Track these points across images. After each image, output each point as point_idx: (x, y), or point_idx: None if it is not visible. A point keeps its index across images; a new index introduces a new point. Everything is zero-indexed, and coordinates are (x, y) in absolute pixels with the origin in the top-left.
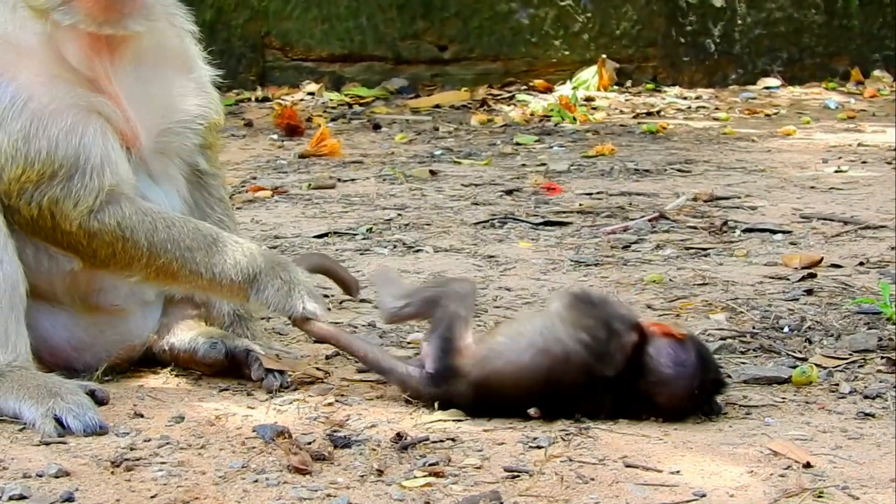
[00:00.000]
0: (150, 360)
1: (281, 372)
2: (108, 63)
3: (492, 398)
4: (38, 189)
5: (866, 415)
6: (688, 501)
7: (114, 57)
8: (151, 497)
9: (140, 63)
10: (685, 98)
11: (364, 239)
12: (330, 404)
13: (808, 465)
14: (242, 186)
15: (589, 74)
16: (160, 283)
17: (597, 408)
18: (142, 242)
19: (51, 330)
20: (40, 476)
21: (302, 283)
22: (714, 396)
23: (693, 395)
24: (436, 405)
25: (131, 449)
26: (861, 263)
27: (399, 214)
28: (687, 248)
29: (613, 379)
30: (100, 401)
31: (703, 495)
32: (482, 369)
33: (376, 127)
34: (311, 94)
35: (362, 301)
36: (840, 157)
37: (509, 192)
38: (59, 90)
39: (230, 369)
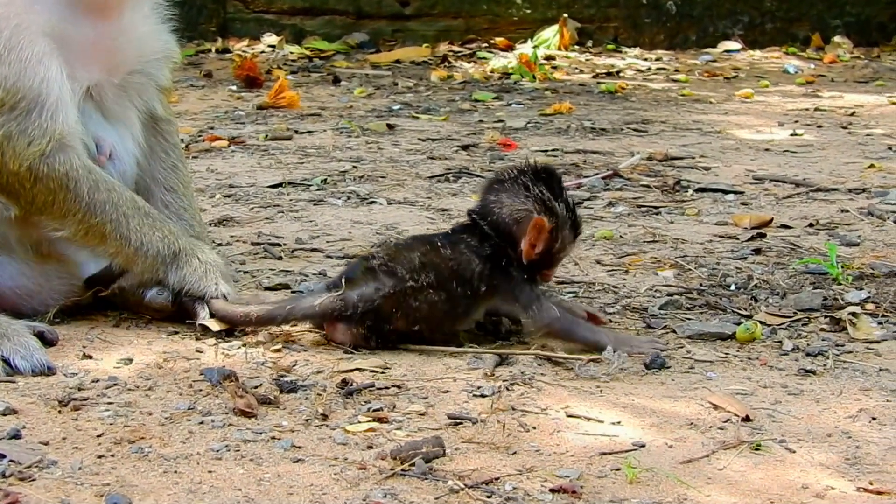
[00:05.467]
0: (100, 303)
1: (227, 332)
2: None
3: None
4: None
5: (807, 371)
6: (627, 451)
7: None
8: (97, 436)
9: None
10: (645, 59)
11: (318, 190)
12: (277, 350)
13: (746, 419)
14: (199, 136)
15: (550, 33)
16: (87, 242)
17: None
18: (83, 197)
19: None
20: None
21: (218, 265)
22: None
23: None
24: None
25: (79, 389)
26: (811, 225)
27: (354, 167)
28: (639, 206)
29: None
30: (49, 342)
31: (643, 445)
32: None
33: (336, 80)
34: (272, 46)
35: (313, 250)
36: (796, 121)
37: (465, 148)
38: (37, 14)
39: (178, 314)
